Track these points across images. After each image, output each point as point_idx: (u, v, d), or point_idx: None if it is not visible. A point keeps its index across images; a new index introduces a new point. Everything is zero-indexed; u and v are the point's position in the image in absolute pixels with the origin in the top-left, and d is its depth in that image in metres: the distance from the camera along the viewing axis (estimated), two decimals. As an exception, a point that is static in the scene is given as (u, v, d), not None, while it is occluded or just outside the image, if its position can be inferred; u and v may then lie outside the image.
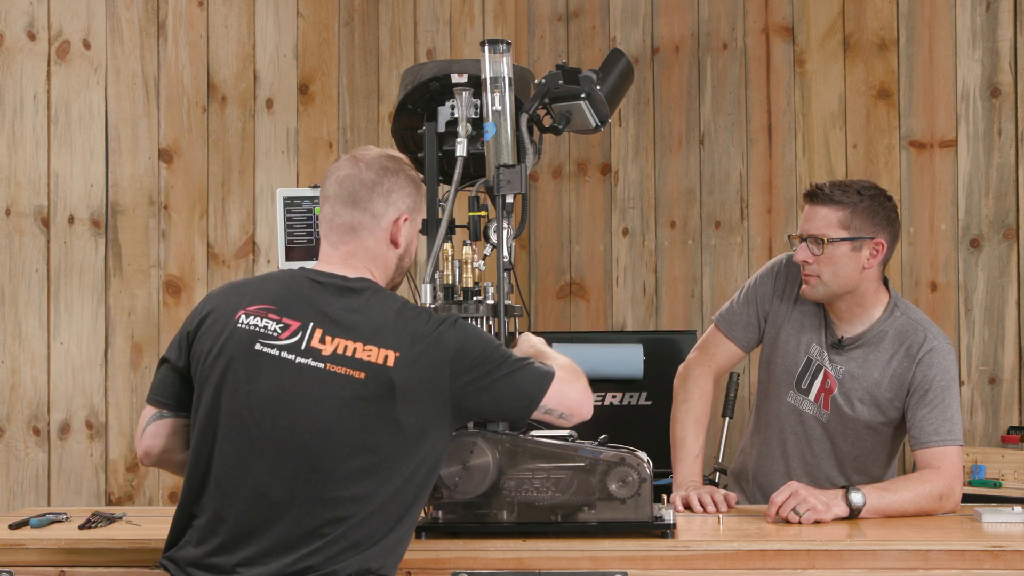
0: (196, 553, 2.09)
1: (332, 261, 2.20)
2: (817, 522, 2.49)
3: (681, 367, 3.06)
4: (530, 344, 2.44)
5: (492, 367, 2.13)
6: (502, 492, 2.36)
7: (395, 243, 2.23)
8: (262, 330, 2.10)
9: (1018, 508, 2.55)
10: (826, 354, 2.87)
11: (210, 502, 2.09)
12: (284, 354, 2.07)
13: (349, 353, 2.06)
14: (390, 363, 2.06)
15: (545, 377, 2.17)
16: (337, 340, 2.07)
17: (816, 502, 2.50)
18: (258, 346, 2.09)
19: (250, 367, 2.08)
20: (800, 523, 2.48)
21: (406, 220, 2.23)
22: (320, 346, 2.07)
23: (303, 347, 2.08)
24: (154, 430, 2.23)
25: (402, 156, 2.31)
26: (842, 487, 2.59)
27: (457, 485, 2.36)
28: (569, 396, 2.20)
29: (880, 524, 2.51)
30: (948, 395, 2.74)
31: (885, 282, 2.88)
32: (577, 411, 2.23)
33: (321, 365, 2.06)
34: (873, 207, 2.78)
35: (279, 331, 2.09)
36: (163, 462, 2.25)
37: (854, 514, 2.53)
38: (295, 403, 2.06)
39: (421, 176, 2.32)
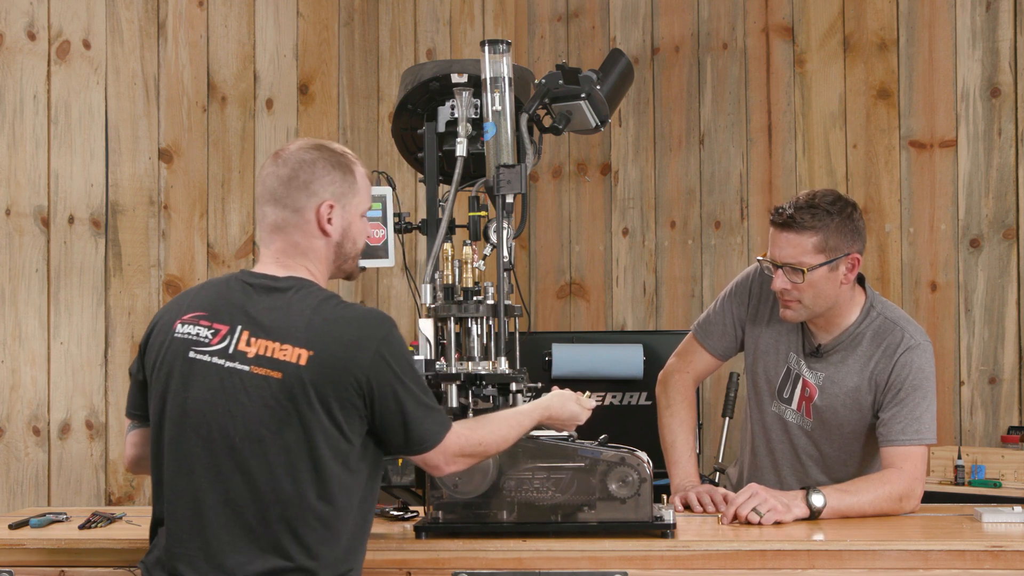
0: (155, 556, 2.16)
1: (266, 261, 2.21)
2: (778, 523, 2.49)
3: (661, 374, 3.06)
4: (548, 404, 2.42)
5: (401, 392, 2.10)
6: (502, 492, 2.36)
7: (325, 232, 2.19)
8: (195, 337, 2.14)
9: (1018, 508, 2.55)
10: (803, 362, 2.85)
11: (162, 507, 2.15)
12: (215, 359, 2.11)
13: (269, 354, 2.08)
14: (303, 362, 2.06)
15: (427, 441, 2.14)
16: (260, 341, 2.09)
17: (776, 502, 2.51)
18: (192, 353, 2.12)
19: (186, 375, 2.12)
20: (760, 524, 2.48)
21: (331, 207, 2.19)
22: (246, 348, 2.10)
23: (231, 351, 2.11)
24: (131, 440, 2.30)
25: (327, 144, 2.25)
26: (802, 488, 2.60)
27: (457, 485, 2.36)
28: (428, 466, 2.18)
29: (840, 524, 2.51)
30: (919, 394, 2.72)
31: (861, 280, 2.86)
32: (428, 470, 2.22)
33: (246, 368, 2.09)
34: (843, 223, 2.71)
35: (210, 337, 2.13)
36: (143, 469, 2.30)
37: (814, 515, 2.54)
38: (225, 407, 2.09)
39: (349, 158, 2.25)
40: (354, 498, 2.12)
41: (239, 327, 2.11)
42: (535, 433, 2.44)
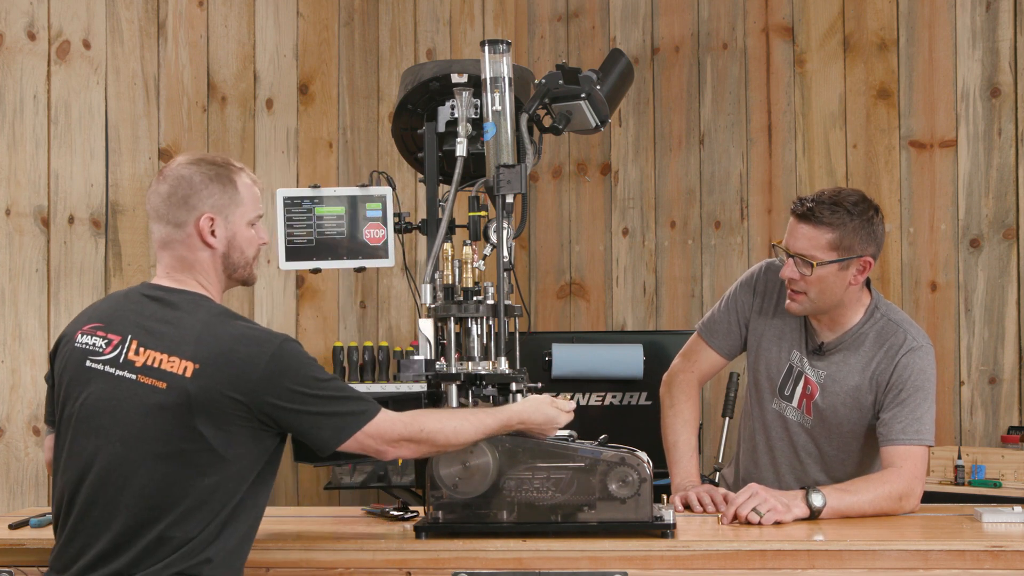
0: (54, 560, 2.20)
1: (160, 276, 2.26)
2: (778, 523, 2.49)
3: (665, 374, 3.06)
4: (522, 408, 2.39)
5: (297, 402, 2.13)
6: (502, 492, 2.36)
7: (208, 245, 2.23)
8: (91, 347, 2.20)
9: (1018, 508, 2.55)
10: (806, 360, 2.86)
11: (60, 512, 2.20)
12: (107, 368, 2.16)
13: (156, 364, 2.13)
14: (188, 374, 2.10)
15: (346, 429, 2.16)
16: (148, 352, 2.14)
17: (776, 503, 2.51)
18: (88, 362, 2.18)
19: (82, 383, 2.18)
20: (760, 524, 2.48)
21: (212, 219, 2.22)
22: (134, 358, 2.15)
23: (121, 360, 2.16)
24: (47, 444, 2.34)
25: (207, 157, 2.28)
26: (802, 488, 2.60)
27: (457, 485, 2.36)
28: (366, 448, 2.20)
29: (840, 524, 2.51)
30: (920, 395, 2.73)
31: (867, 283, 2.86)
32: (378, 456, 2.23)
33: (133, 376, 2.13)
34: (862, 225, 2.72)
35: (104, 346, 2.18)
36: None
37: (814, 515, 2.54)
38: (111, 413, 2.14)
39: (230, 169, 2.26)
40: (234, 513, 2.14)
41: (130, 336, 2.17)
42: (535, 433, 2.45)
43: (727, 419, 4.09)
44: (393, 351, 4.55)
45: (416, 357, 2.42)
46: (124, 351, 2.15)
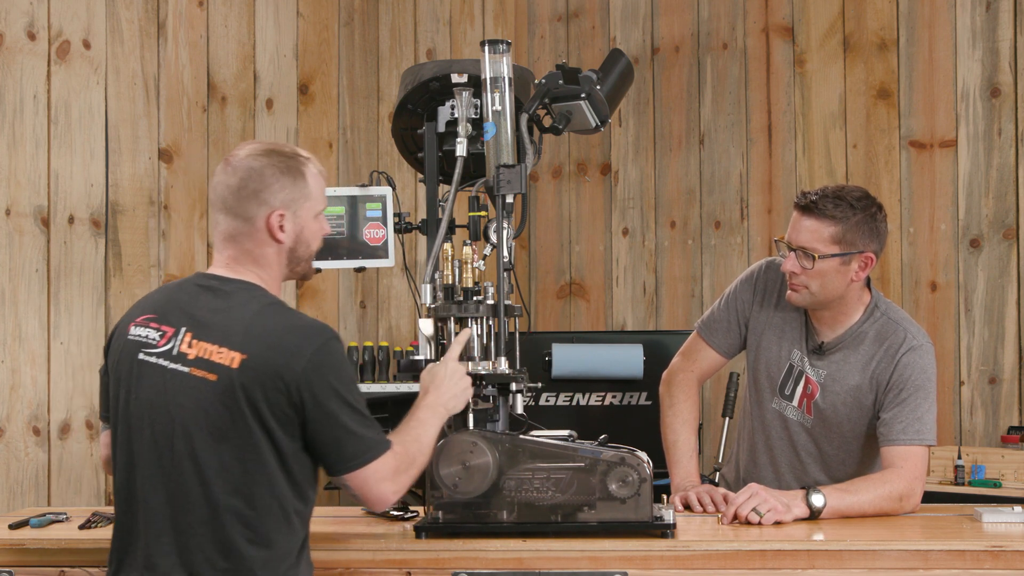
0: (114, 559, 2.17)
1: (218, 265, 2.21)
2: (778, 523, 2.49)
3: (665, 373, 3.06)
4: (430, 383, 2.33)
5: (334, 403, 2.08)
6: (502, 492, 2.36)
7: (277, 240, 2.18)
8: (144, 339, 2.15)
9: (1018, 508, 2.55)
10: (807, 359, 2.86)
11: (117, 509, 2.17)
12: (161, 361, 2.12)
13: (207, 356, 2.08)
14: (235, 365, 2.06)
15: (367, 454, 2.11)
16: (201, 343, 2.10)
17: (776, 503, 2.51)
18: (141, 355, 2.14)
19: (136, 376, 2.14)
20: (760, 524, 2.48)
21: (282, 215, 2.17)
22: (187, 350, 2.10)
23: (174, 352, 2.11)
24: (104, 439, 2.31)
25: (277, 147, 2.22)
26: (802, 488, 2.60)
27: (457, 485, 2.36)
28: (371, 488, 2.13)
29: (840, 524, 2.51)
30: (920, 395, 2.73)
31: (868, 282, 2.86)
32: (369, 503, 2.17)
33: (186, 369, 2.09)
34: (865, 220, 2.73)
35: (157, 339, 2.14)
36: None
37: (814, 515, 2.54)
38: (166, 408, 2.10)
39: (300, 160, 2.21)
40: (287, 507, 2.10)
41: (183, 329, 2.12)
42: (535, 433, 2.45)
43: (727, 419, 4.09)
44: (393, 351, 4.55)
45: (416, 357, 2.42)
46: (177, 344, 2.11)
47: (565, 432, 2.45)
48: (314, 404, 2.06)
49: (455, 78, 2.65)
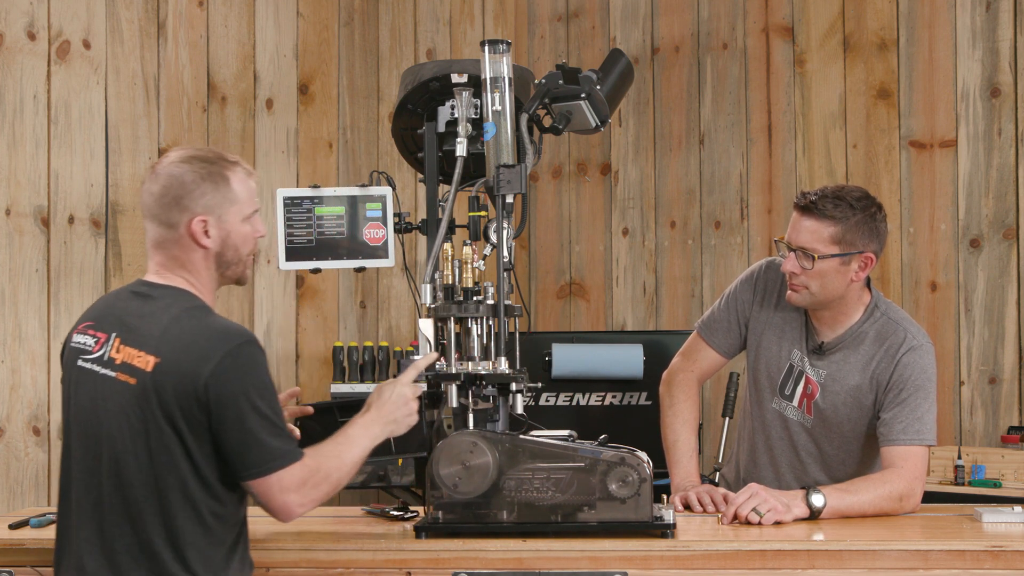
0: (55, 561, 2.21)
1: (150, 272, 2.24)
2: (778, 523, 2.49)
3: (665, 373, 3.06)
4: (377, 403, 2.32)
5: (243, 406, 2.08)
6: (502, 492, 2.36)
7: (202, 245, 2.19)
8: (82, 346, 2.19)
9: (1018, 508, 2.55)
10: (807, 359, 2.86)
11: (58, 513, 2.22)
12: (94, 367, 2.16)
13: (130, 360, 2.11)
14: (149, 368, 2.09)
15: (271, 463, 2.09)
16: (126, 348, 2.13)
17: (776, 502, 2.51)
18: (79, 362, 2.18)
19: (75, 383, 2.19)
20: (760, 524, 2.48)
21: (204, 221, 2.18)
22: (115, 355, 2.14)
23: (105, 358, 2.15)
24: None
25: (200, 153, 2.23)
26: (802, 488, 2.60)
27: (457, 485, 2.36)
28: (273, 498, 2.12)
29: (840, 524, 2.51)
30: (921, 394, 2.73)
31: (868, 282, 2.86)
32: (273, 513, 2.16)
33: (113, 374, 2.13)
34: (864, 221, 2.73)
35: (92, 345, 2.18)
36: None
37: (814, 515, 2.54)
38: (96, 412, 2.14)
39: (223, 164, 2.20)
40: (201, 509, 2.11)
41: (114, 334, 2.15)
42: (535, 433, 2.45)
43: (727, 419, 4.09)
44: (393, 351, 4.55)
45: (416, 357, 2.42)
46: (108, 349, 2.14)
47: (565, 432, 2.45)
48: (220, 408, 2.07)
49: (455, 78, 2.65)
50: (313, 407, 2.51)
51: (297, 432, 2.38)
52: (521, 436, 2.39)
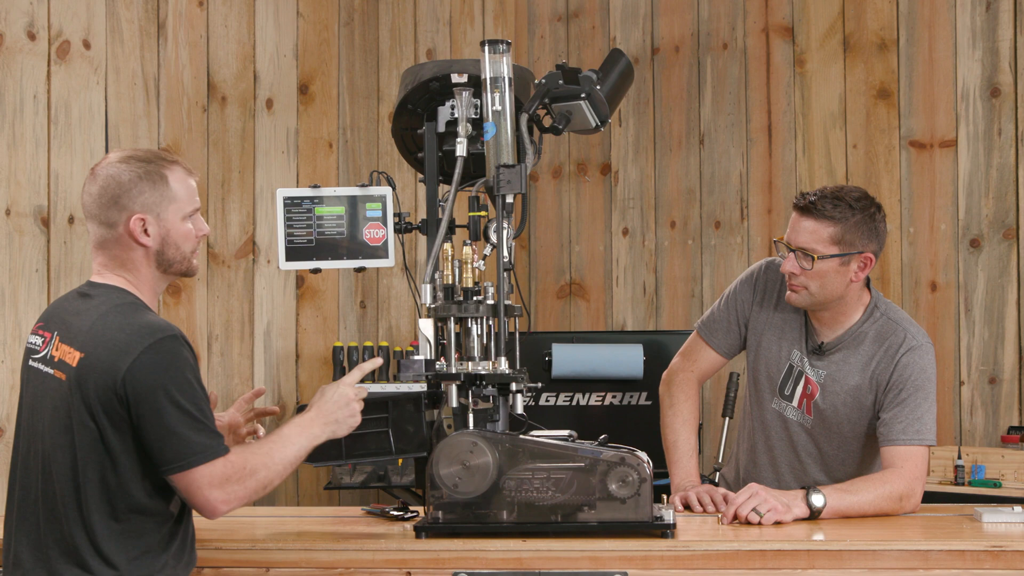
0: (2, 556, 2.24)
1: (94, 272, 2.28)
2: (778, 523, 2.49)
3: (665, 373, 3.06)
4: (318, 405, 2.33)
5: (162, 400, 2.08)
6: (502, 492, 2.36)
7: (141, 244, 2.22)
8: (33, 346, 2.24)
9: (1018, 508, 2.55)
10: (807, 360, 2.86)
11: (5, 509, 2.26)
12: (39, 365, 2.20)
13: (63, 357, 2.15)
14: (74, 363, 2.12)
15: (191, 458, 2.09)
16: (62, 346, 2.16)
17: (776, 502, 2.51)
18: (30, 361, 2.23)
19: (26, 381, 2.24)
20: (760, 524, 2.48)
21: (143, 220, 2.20)
22: (55, 353, 2.17)
23: (47, 356, 2.19)
24: None
25: (137, 154, 2.26)
26: (802, 488, 2.60)
27: (457, 485, 2.36)
28: (195, 494, 2.11)
29: (840, 524, 2.51)
30: (920, 395, 2.73)
31: (867, 282, 2.86)
32: (196, 508, 2.15)
33: (51, 371, 2.16)
34: (864, 221, 2.73)
35: (40, 344, 2.22)
36: None
37: (814, 515, 2.54)
38: (35, 409, 2.18)
39: (160, 164, 2.22)
40: (117, 505, 2.12)
41: (55, 333, 2.19)
42: (535, 433, 2.45)
43: (727, 419, 4.09)
44: (393, 351, 4.55)
45: (416, 357, 2.42)
46: (51, 348, 2.18)
47: (565, 432, 2.45)
48: (138, 402, 2.08)
49: (455, 78, 2.64)
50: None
51: (262, 431, 2.42)
52: (521, 436, 2.39)
